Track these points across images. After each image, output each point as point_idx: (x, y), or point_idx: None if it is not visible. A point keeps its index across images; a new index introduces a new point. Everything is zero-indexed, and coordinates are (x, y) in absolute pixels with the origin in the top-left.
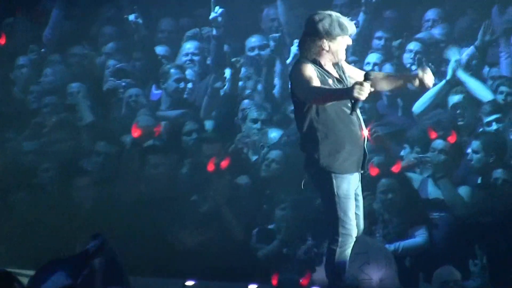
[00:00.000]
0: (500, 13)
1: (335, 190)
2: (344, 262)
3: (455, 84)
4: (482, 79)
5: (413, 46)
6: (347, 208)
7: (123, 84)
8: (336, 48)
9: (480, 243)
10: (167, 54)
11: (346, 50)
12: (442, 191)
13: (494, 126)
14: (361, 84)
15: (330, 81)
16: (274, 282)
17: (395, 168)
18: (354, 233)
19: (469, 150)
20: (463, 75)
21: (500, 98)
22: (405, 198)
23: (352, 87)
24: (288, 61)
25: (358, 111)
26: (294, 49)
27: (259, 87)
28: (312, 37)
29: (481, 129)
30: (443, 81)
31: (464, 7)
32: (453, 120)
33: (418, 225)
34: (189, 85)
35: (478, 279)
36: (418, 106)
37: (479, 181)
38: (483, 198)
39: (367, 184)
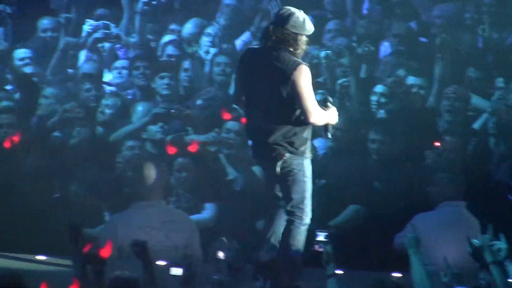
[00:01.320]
0: None
1: (306, 173)
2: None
3: None
4: None
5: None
6: (310, 189)
7: None
8: None
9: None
10: None
11: None
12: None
13: None
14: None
15: None
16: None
17: (192, 148)
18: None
19: None
20: None
21: None
22: (197, 176)
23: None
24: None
25: None
26: (86, 27)
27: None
28: (297, 33)
29: None
30: None
31: None
32: None
33: (208, 201)
34: None
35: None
36: None
37: None
38: None
39: (166, 160)
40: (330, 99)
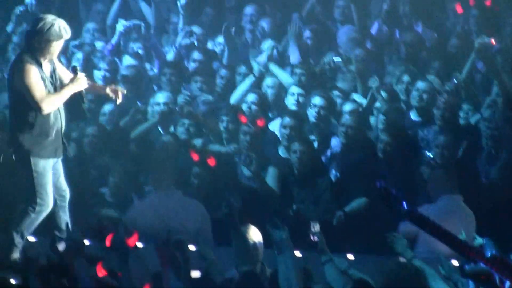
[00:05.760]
0: None
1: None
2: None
3: (262, 77)
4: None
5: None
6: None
7: None
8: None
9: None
10: None
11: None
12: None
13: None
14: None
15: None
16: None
17: (211, 162)
18: (49, 204)
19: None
20: (272, 67)
21: (295, 79)
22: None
23: (74, 82)
24: None
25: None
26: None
27: None
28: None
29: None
30: (252, 77)
31: None
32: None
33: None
34: None
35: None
36: (235, 98)
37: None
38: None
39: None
40: (78, 66)
